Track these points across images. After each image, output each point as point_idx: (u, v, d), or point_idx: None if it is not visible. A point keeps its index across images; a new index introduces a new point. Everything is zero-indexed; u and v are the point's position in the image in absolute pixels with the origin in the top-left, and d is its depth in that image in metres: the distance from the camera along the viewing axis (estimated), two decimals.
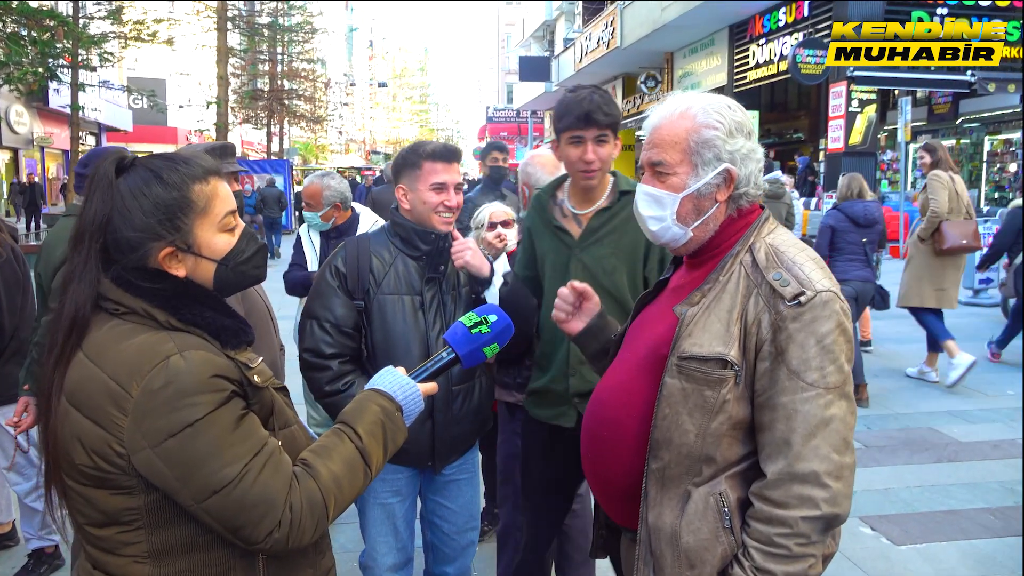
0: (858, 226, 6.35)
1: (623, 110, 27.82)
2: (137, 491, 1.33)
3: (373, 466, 1.52)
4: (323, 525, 1.42)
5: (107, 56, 21.47)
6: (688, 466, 1.56)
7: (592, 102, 2.45)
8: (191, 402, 1.29)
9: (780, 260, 1.56)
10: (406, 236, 2.57)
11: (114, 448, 1.30)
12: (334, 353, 2.50)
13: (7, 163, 27.87)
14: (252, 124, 37.98)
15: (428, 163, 2.52)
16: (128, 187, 1.39)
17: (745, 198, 1.66)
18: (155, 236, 1.39)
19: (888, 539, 4.06)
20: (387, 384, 1.62)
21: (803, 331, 1.48)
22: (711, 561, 1.54)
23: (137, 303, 1.37)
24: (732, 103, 1.66)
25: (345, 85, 55.06)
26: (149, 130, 35.68)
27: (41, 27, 17.91)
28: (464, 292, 2.62)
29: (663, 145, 1.65)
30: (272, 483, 1.35)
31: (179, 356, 1.31)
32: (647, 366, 1.65)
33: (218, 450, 1.31)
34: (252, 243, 1.51)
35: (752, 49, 18.81)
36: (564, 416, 2.65)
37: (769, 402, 1.50)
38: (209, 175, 1.46)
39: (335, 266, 2.57)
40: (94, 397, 1.31)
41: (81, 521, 1.40)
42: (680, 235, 1.67)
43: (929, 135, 19.21)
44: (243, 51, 34.15)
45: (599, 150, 2.48)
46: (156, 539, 1.36)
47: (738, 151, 1.62)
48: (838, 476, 1.46)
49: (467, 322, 1.75)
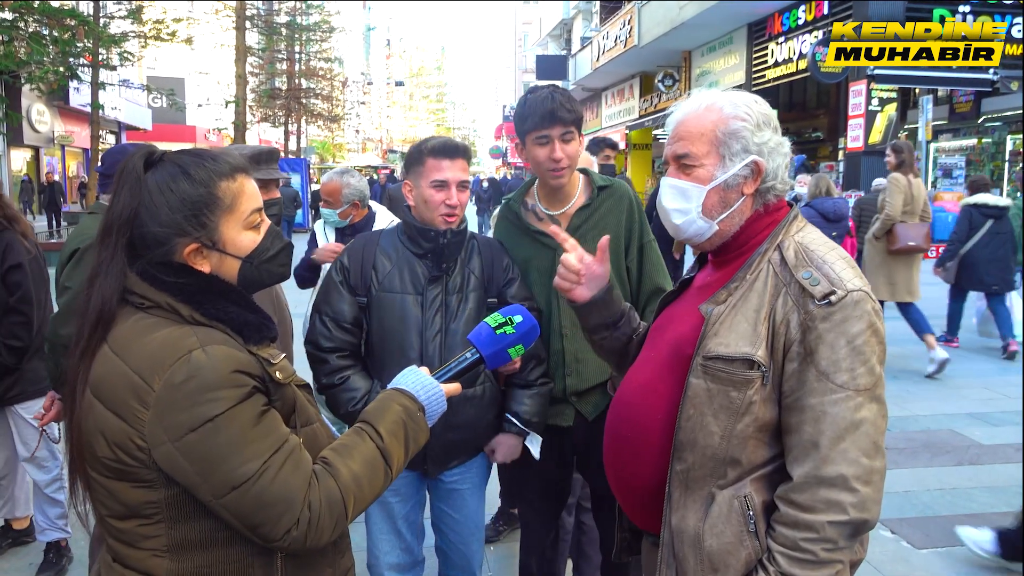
0: (828, 221, 7.26)
1: (640, 109, 27.75)
2: (158, 485, 1.33)
3: (394, 466, 1.51)
4: (342, 524, 1.41)
5: (127, 55, 21.64)
6: (712, 468, 1.54)
7: (554, 100, 2.46)
8: (212, 397, 1.29)
9: (810, 258, 1.53)
10: (411, 235, 2.54)
11: (135, 441, 1.30)
12: (332, 347, 2.50)
13: (28, 161, 28.16)
14: (270, 123, 38.19)
15: (431, 159, 2.47)
16: (156, 182, 1.39)
17: (772, 192, 1.63)
18: (181, 232, 1.39)
19: (908, 543, 4.01)
20: (410, 384, 1.61)
21: (833, 331, 1.45)
22: (735, 565, 1.51)
23: (162, 297, 1.38)
24: (758, 98, 1.64)
25: (362, 84, 55.27)
26: (168, 128, 35.96)
27: (62, 26, 18.07)
28: (471, 295, 2.55)
29: (689, 137, 1.62)
30: (292, 481, 1.34)
31: (201, 351, 1.31)
32: (671, 366, 1.63)
33: (238, 446, 1.31)
34: (277, 241, 1.52)
35: (771, 47, 18.69)
36: (562, 416, 2.64)
37: (797, 404, 1.47)
38: (236, 172, 1.46)
39: (341, 262, 2.58)
40: (117, 390, 1.31)
41: (103, 513, 1.40)
42: (705, 229, 1.64)
43: (950, 134, 19.01)
44: (261, 50, 34.35)
45: (566, 148, 2.48)
46: (176, 533, 1.36)
47: (766, 143, 1.60)
48: (867, 481, 1.43)
49: (492, 323, 1.73)
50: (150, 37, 21.97)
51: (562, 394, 2.63)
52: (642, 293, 2.65)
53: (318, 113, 38.17)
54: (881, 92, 15.15)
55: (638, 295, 2.65)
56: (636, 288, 2.65)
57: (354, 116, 50.17)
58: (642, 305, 2.64)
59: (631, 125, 28.09)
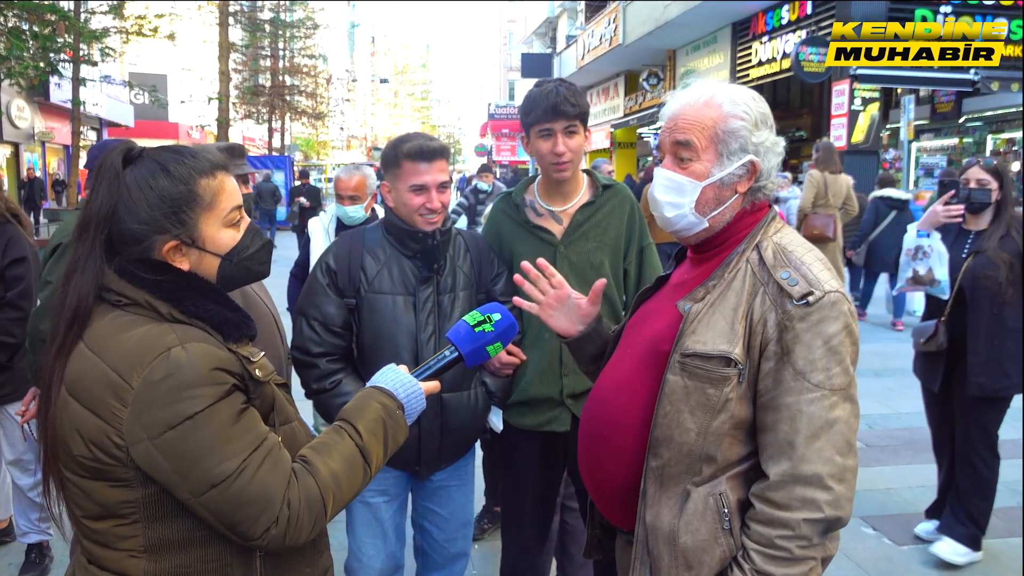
0: None
1: (625, 108, 27.80)
2: (135, 484, 1.32)
3: (373, 464, 1.51)
4: (321, 523, 1.41)
5: (108, 51, 21.44)
6: (688, 465, 1.54)
7: (559, 94, 2.44)
8: (191, 394, 1.28)
9: (788, 259, 1.53)
10: (398, 235, 2.48)
11: (113, 439, 1.29)
12: (321, 352, 2.45)
13: (8, 158, 27.85)
14: (254, 120, 37.96)
15: (407, 163, 2.39)
16: (135, 179, 1.38)
17: (762, 191, 1.64)
18: (160, 229, 1.38)
19: (890, 539, 4.04)
20: (389, 382, 1.60)
21: (810, 331, 1.45)
22: (709, 563, 1.51)
23: (140, 295, 1.36)
24: (756, 95, 1.63)
25: (347, 81, 54.99)
26: (150, 125, 35.62)
27: (42, 21, 17.89)
28: (462, 294, 2.51)
29: (690, 129, 1.60)
30: (270, 479, 1.33)
31: (180, 348, 1.31)
32: (648, 363, 1.63)
33: (217, 444, 1.30)
34: (257, 239, 1.51)
35: (755, 47, 18.76)
36: (557, 420, 2.60)
37: (773, 402, 1.48)
38: (216, 170, 1.45)
39: (326, 263, 2.50)
40: (94, 388, 1.30)
41: (78, 514, 1.39)
42: (695, 224, 1.64)
43: (932, 134, 19.16)
44: (245, 47, 34.13)
45: (569, 141, 2.47)
46: (153, 533, 1.35)
47: (762, 143, 1.60)
48: (841, 479, 1.44)
49: (470, 320, 1.73)
50: (132, 33, 21.75)
51: (559, 396, 2.58)
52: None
53: (302, 110, 37.99)
54: (864, 92, 15.24)
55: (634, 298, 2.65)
56: (634, 291, 2.63)
57: (339, 113, 49.85)
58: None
59: (616, 124, 28.15)
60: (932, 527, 4.00)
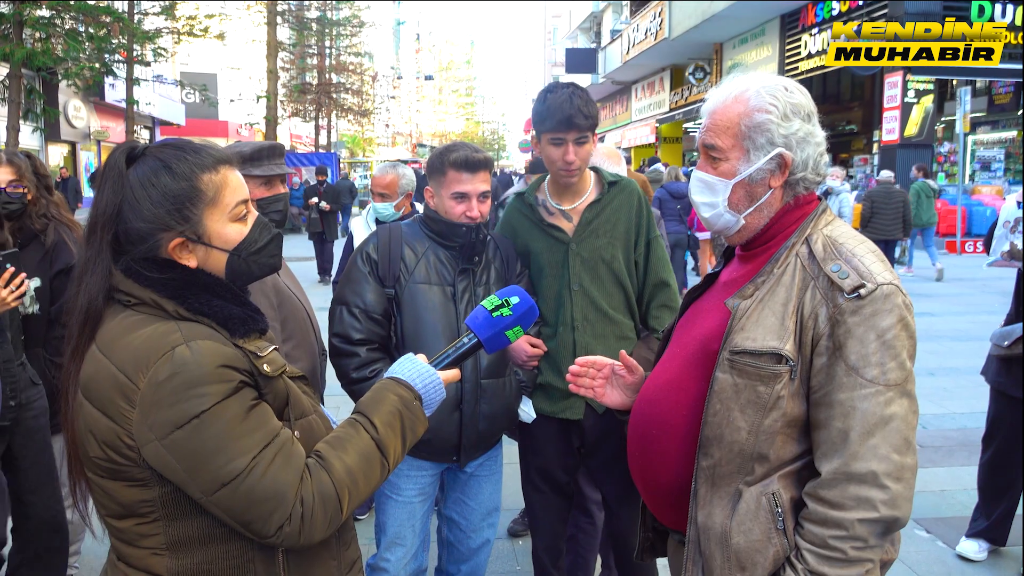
0: (674, 198, 9.69)
1: (670, 102, 27.54)
2: (151, 483, 1.32)
3: (391, 458, 1.48)
4: (337, 520, 1.38)
5: (161, 51, 21.93)
6: (740, 464, 1.51)
7: (573, 106, 2.52)
8: (198, 393, 1.27)
9: (839, 252, 1.50)
10: (438, 229, 2.57)
11: (124, 440, 1.29)
12: (362, 339, 2.49)
13: (65, 157, 28.64)
14: (300, 117, 38.47)
15: (452, 171, 2.51)
16: (137, 177, 1.38)
17: (803, 184, 1.59)
18: (164, 227, 1.37)
19: (944, 543, 3.94)
20: (406, 372, 1.57)
21: (863, 325, 1.41)
22: (762, 563, 1.49)
23: (146, 294, 1.36)
24: (791, 84, 1.59)
25: (392, 78, 55.33)
26: (201, 124, 36.37)
27: (98, 23, 18.36)
28: (494, 288, 2.58)
29: (716, 129, 1.60)
30: (282, 476, 1.31)
31: (185, 346, 1.29)
32: (697, 362, 1.61)
33: (226, 442, 1.29)
34: (266, 232, 1.49)
35: (804, 39, 18.44)
36: (571, 409, 2.67)
37: (825, 399, 1.44)
38: (219, 164, 1.44)
39: (367, 252, 2.57)
40: (104, 389, 1.30)
41: (103, 512, 1.40)
42: (732, 222, 1.62)
43: (989, 126, 18.62)
44: (292, 45, 34.63)
45: (579, 151, 2.57)
46: (173, 531, 1.35)
47: (793, 135, 1.55)
48: (898, 477, 1.40)
49: (488, 305, 1.68)
50: (183, 33, 22.24)
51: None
52: (647, 285, 2.75)
53: (348, 107, 38.37)
54: (917, 84, 14.90)
55: (644, 287, 2.75)
56: (642, 281, 2.74)
57: (384, 110, 50.30)
58: (647, 297, 2.74)
59: (661, 118, 27.90)
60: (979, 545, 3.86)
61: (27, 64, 16.84)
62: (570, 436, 2.73)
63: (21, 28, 16.55)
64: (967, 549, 3.79)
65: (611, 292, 2.65)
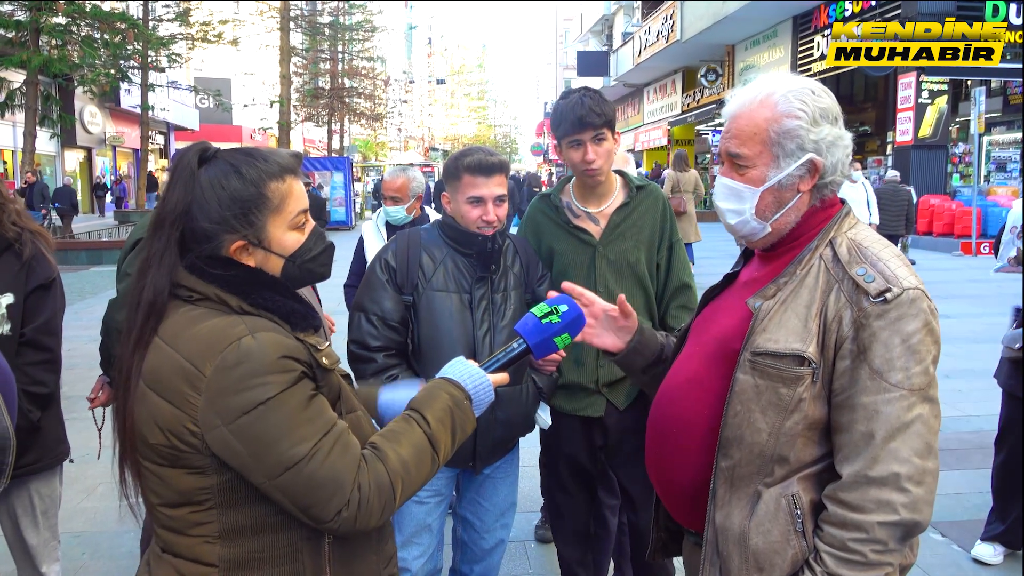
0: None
1: (682, 104, 27.48)
2: (210, 471, 1.36)
3: (441, 453, 1.53)
4: (391, 508, 1.43)
5: (175, 57, 22.14)
6: (759, 466, 1.51)
7: (584, 105, 2.55)
8: (262, 381, 1.32)
9: (864, 255, 1.49)
10: (455, 237, 2.57)
11: (188, 427, 1.33)
12: (379, 346, 2.51)
13: (81, 162, 28.88)
14: (313, 122, 38.71)
15: (467, 176, 2.50)
16: (208, 179, 1.43)
17: (830, 187, 1.58)
18: (229, 229, 1.42)
19: (959, 546, 3.92)
20: (457, 373, 1.62)
21: (888, 329, 1.41)
22: (781, 565, 1.48)
23: (210, 289, 1.41)
24: (817, 87, 1.57)
25: (404, 82, 55.52)
26: (215, 129, 36.62)
27: (113, 30, 18.54)
28: (513, 294, 2.60)
29: (741, 136, 1.57)
30: (341, 463, 1.37)
31: (250, 337, 1.35)
32: (717, 360, 1.61)
33: (289, 428, 1.34)
34: (320, 242, 1.55)
35: (817, 40, 18.37)
36: (592, 407, 2.70)
37: (848, 402, 1.44)
38: (285, 173, 1.49)
39: (385, 260, 2.59)
40: (169, 378, 1.35)
41: (155, 501, 1.43)
42: (759, 229, 1.60)
43: (1004, 127, 18.48)
44: (305, 50, 34.82)
45: (598, 148, 2.59)
46: (227, 519, 1.39)
47: (823, 139, 1.54)
48: (919, 481, 1.39)
49: (538, 312, 1.74)
50: (197, 39, 22.46)
51: (594, 385, 2.69)
52: (668, 287, 2.77)
53: (361, 112, 38.54)
54: (931, 84, 14.82)
55: (665, 289, 2.77)
56: (664, 283, 2.77)
57: (396, 114, 50.39)
58: (667, 299, 2.77)
59: (673, 121, 27.85)
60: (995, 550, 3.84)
61: (44, 71, 17.04)
62: (592, 434, 2.75)
63: (38, 35, 16.75)
64: (982, 553, 3.77)
65: (633, 294, 2.67)
